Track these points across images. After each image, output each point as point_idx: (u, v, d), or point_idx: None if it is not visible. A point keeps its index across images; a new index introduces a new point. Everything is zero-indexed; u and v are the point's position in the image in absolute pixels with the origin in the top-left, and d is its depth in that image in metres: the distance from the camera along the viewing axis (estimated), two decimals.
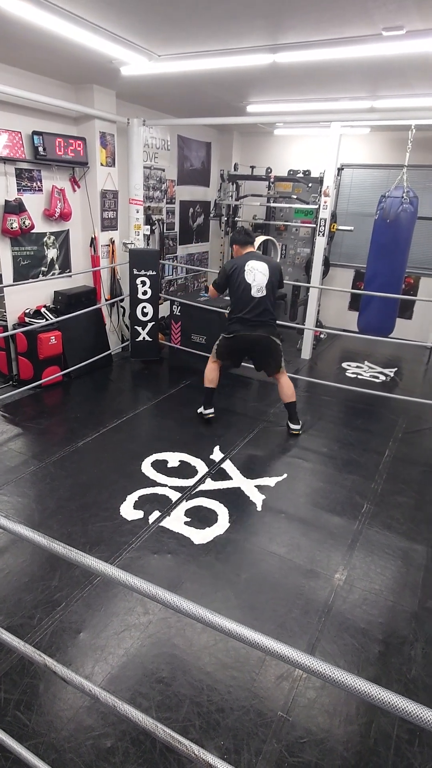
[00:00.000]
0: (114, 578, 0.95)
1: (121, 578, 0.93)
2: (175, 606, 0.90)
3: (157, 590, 0.94)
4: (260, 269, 3.58)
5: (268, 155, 6.91)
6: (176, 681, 1.89)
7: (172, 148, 6.02)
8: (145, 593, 0.94)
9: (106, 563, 0.99)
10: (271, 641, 0.90)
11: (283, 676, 1.93)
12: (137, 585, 0.93)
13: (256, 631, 0.92)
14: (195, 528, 2.77)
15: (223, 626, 0.88)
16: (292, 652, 0.89)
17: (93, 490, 3.08)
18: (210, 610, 0.96)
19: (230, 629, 0.87)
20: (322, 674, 0.85)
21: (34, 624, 2.10)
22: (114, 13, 2.71)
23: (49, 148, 4.28)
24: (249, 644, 0.90)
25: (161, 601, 0.91)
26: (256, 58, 3.24)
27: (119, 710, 1.03)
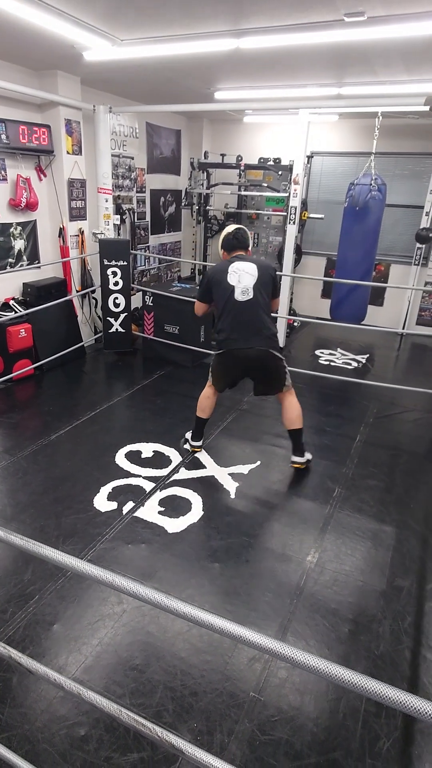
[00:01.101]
0: (80, 570, 0.96)
1: (85, 570, 0.93)
2: (142, 597, 0.90)
3: (122, 581, 0.94)
4: (247, 269, 3.02)
5: (239, 143, 6.87)
6: (150, 668, 1.91)
7: (140, 136, 5.93)
8: (109, 584, 0.95)
9: (70, 555, 0.99)
10: (240, 628, 0.91)
11: (256, 658, 1.96)
12: (97, 574, 0.93)
13: (225, 618, 0.94)
14: (169, 517, 2.79)
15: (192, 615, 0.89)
16: (258, 637, 0.90)
17: (66, 483, 3.06)
18: (179, 599, 0.97)
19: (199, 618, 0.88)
20: (290, 658, 0.86)
21: (7, 618, 2.09)
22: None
23: (13, 136, 4.17)
24: (219, 633, 0.91)
25: (126, 591, 0.91)
26: (220, 43, 3.20)
27: (84, 697, 1.04)
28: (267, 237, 6.64)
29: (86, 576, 0.94)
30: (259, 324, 3.02)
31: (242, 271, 3.03)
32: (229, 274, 3.03)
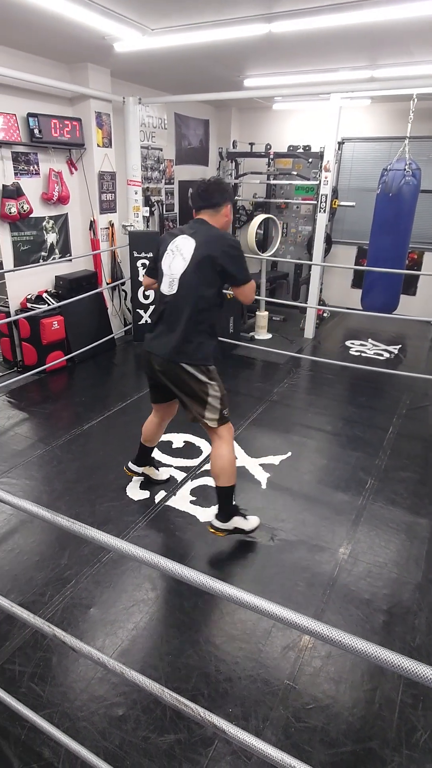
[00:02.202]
0: (119, 549, 0.98)
1: (126, 549, 0.95)
2: (184, 576, 0.92)
3: (169, 563, 0.96)
4: (183, 250, 2.23)
5: (267, 131, 6.78)
6: (185, 653, 1.94)
7: (169, 127, 5.92)
8: (154, 565, 0.96)
9: (109, 535, 1.01)
10: (282, 609, 0.92)
11: (289, 647, 1.97)
12: (144, 556, 0.95)
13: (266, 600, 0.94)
14: (200, 506, 2.81)
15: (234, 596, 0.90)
16: (301, 618, 0.90)
17: (99, 472, 3.12)
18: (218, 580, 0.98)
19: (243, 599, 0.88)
20: (329, 638, 0.86)
21: (46, 601, 2.15)
22: None
23: (45, 130, 4.23)
24: (260, 612, 0.92)
25: (170, 571, 0.93)
26: (252, 28, 3.16)
27: (127, 677, 1.06)
28: (296, 226, 6.55)
29: (136, 559, 0.95)
30: (176, 327, 2.27)
31: (177, 253, 2.26)
32: (167, 254, 2.31)
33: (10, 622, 2.04)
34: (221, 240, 2.23)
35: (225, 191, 2.31)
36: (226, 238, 2.26)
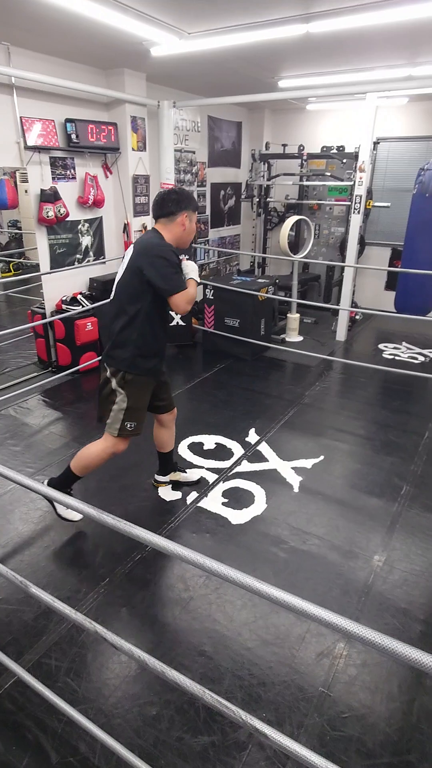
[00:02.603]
0: (169, 550, 0.98)
1: (174, 549, 0.95)
2: (227, 576, 0.92)
3: (216, 564, 0.96)
4: (126, 258, 2.32)
5: (301, 132, 6.74)
6: (218, 655, 1.93)
7: (202, 130, 5.95)
8: (204, 567, 0.96)
9: (158, 535, 1.02)
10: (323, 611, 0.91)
11: (324, 654, 1.94)
12: (195, 558, 0.95)
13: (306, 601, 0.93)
14: (232, 509, 2.80)
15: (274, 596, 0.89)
16: (343, 620, 0.89)
17: (132, 472, 3.15)
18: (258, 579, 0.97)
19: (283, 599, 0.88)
20: (370, 641, 0.85)
21: (80, 597, 2.19)
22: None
23: (82, 135, 4.31)
24: (300, 613, 0.91)
25: (215, 572, 0.93)
26: (289, 29, 3.15)
27: (167, 676, 1.07)
28: (329, 228, 6.48)
29: (184, 559, 0.96)
30: (111, 332, 2.35)
31: (123, 261, 2.33)
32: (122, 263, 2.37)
33: (47, 617, 2.08)
34: (150, 250, 2.23)
35: (180, 201, 2.28)
36: (154, 249, 2.23)
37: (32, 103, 3.99)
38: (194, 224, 2.37)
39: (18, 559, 2.42)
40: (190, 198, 2.32)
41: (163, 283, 2.20)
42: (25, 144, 3.97)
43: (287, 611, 2.10)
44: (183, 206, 2.28)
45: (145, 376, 2.39)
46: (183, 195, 2.31)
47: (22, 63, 3.80)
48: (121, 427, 2.41)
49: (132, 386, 2.36)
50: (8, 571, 1.38)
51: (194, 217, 2.36)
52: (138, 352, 2.32)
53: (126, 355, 2.32)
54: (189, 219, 2.31)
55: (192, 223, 2.34)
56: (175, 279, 2.23)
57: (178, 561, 2.36)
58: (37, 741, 1.63)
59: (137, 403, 2.40)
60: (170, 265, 2.21)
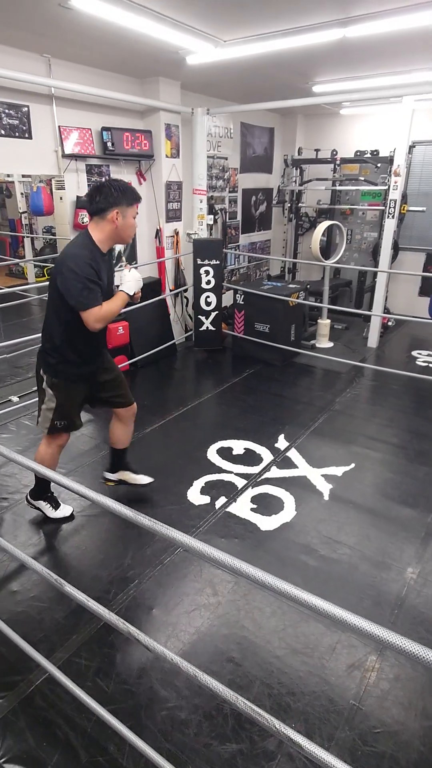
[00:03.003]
0: (205, 554, 0.98)
1: (215, 555, 0.95)
2: (261, 580, 0.91)
3: (255, 571, 0.95)
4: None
5: (334, 137, 6.70)
6: (246, 661, 1.92)
7: (234, 136, 5.98)
8: (244, 574, 0.96)
9: (198, 540, 1.02)
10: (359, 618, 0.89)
11: (355, 665, 1.90)
12: (238, 566, 0.94)
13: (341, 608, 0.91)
14: (261, 515, 2.78)
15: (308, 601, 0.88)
16: (385, 631, 0.87)
17: (161, 475, 3.16)
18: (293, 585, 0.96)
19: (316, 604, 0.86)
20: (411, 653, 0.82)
21: (110, 598, 2.21)
22: (181, 1, 2.72)
23: (117, 143, 4.40)
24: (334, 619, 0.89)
25: (252, 577, 0.92)
26: (325, 34, 3.14)
27: (200, 680, 1.06)
28: (361, 233, 6.41)
29: (232, 568, 0.95)
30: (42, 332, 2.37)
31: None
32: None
33: (77, 616, 2.10)
34: (63, 261, 2.13)
35: (109, 195, 2.10)
36: (66, 260, 2.11)
37: (70, 112, 4.09)
38: (130, 219, 2.18)
39: (49, 558, 2.47)
40: (123, 190, 2.13)
41: (71, 298, 2.12)
42: (62, 152, 4.08)
43: (316, 620, 2.07)
44: (113, 201, 2.11)
45: (65, 380, 2.38)
46: (113, 188, 2.12)
47: (62, 74, 3.91)
48: (51, 425, 2.44)
49: (59, 389, 2.38)
50: (43, 569, 1.41)
51: (130, 211, 2.17)
52: (62, 359, 2.32)
53: (52, 361, 2.33)
54: (122, 215, 2.14)
55: (126, 218, 2.16)
56: (83, 295, 2.10)
57: (207, 565, 2.36)
58: (66, 739, 1.64)
59: (66, 402, 2.41)
60: (79, 280, 2.08)
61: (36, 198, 5.02)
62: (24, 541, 2.57)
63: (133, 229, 2.25)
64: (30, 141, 3.86)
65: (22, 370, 4.62)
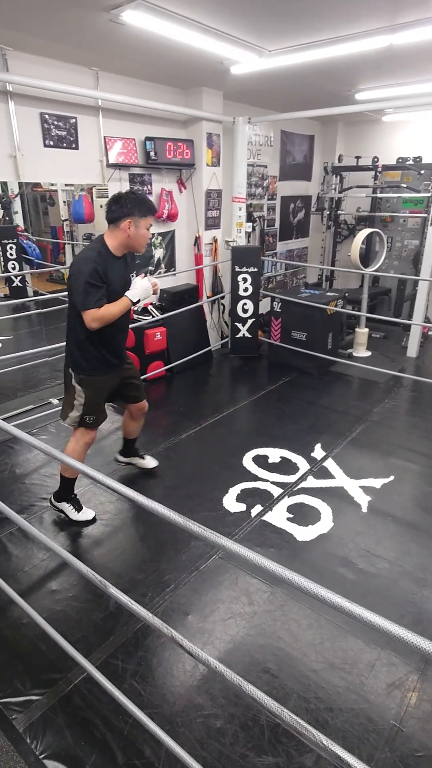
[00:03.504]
0: (271, 570, 0.98)
1: (281, 573, 0.95)
2: (306, 589, 0.90)
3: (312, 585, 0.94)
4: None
5: (375, 144, 6.62)
6: (283, 673, 1.89)
7: (275, 144, 6.00)
8: (316, 595, 0.95)
9: (251, 550, 1.02)
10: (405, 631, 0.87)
11: (395, 685, 1.85)
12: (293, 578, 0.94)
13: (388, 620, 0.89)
14: (298, 524, 2.75)
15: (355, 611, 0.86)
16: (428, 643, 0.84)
17: (196, 481, 3.18)
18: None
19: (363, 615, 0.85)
20: None
21: (146, 602, 2.22)
22: (226, 13, 2.76)
23: (160, 153, 4.48)
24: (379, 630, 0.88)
25: (317, 595, 0.91)
26: (372, 41, 3.11)
27: (244, 689, 1.05)
28: (402, 240, 6.29)
29: (273, 574, 0.95)
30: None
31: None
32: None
33: (115, 618, 2.13)
34: (74, 263, 2.32)
35: (123, 206, 2.23)
36: (77, 262, 2.30)
37: (115, 123, 4.20)
38: (142, 230, 2.30)
39: (88, 559, 2.51)
40: (137, 202, 2.26)
41: (75, 297, 2.28)
42: (107, 162, 4.19)
43: (355, 636, 2.03)
44: (127, 211, 2.24)
45: (94, 376, 2.54)
46: (128, 199, 2.25)
47: (108, 86, 4.02)
48: (81, 421, 2.59)
49: (87, 385, 2.53)
50: (89, 570, 1.43)
51: (144, 222, 2.29)
52: (86, 356, 2.48)
53: (78, 358, 2.49)
54: (134, 225, 2.26)
55: (139, 228, 2.28)
56: (83, 295, 2.24)
57: (242, 573, 2.35)
58: (104, 740, 1.66)
59: (94, 398, 2.57)
60: (82, 281, 2.22)
61: (77, 206, 5.15)
62: (62, 541, 2.63)
63: (145, 239, 2.36)
64: (76, 151, 3.98)
65: (62, 374, 4.74)
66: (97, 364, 2.52)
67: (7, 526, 2.68)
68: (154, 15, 2.71)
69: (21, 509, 2.85)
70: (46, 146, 3.75)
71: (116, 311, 2.33)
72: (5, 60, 3.31)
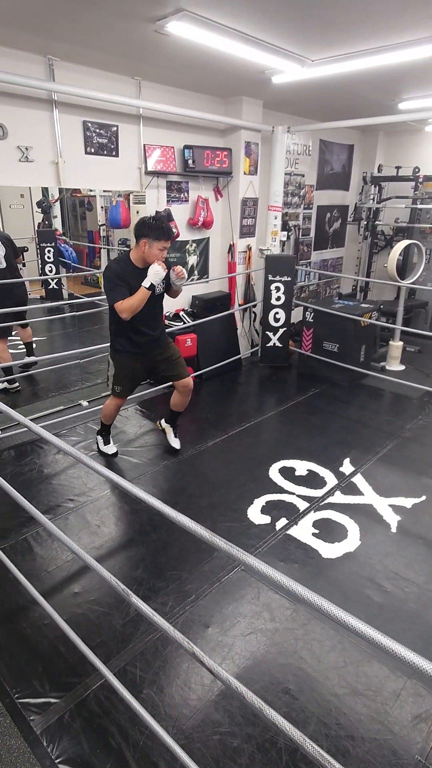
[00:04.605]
0: (288, 588, 0.95)
1: (303, 594, 0.92)
2: (344, 622, 0.86)
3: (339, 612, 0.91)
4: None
5: (416, 154, 6.49)
6: (303, 695, 1.84)
7: (313, 153, 5.96)
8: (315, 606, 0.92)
9: (283, 575, 0.99)
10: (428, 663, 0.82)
11: (421, 717, 1.77)
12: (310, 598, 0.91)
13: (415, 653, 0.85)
14: (323, 541, 2.69)
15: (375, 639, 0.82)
16: None
17: (221, 490, 3.15)
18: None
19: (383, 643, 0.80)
20: None
21: (167, 611, 2.20)
22: (270, 22, 2.75)
23: (198, 161, 4.51)
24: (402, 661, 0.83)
25: (336, 618, 0.88)
26: (417, 51, 3.05)
27: (265, 714, 1.02)
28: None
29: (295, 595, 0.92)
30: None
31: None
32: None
33: (134, 625, 2.12)
34: (104, 270, 2.96)
35: (141, 229, 2.80)
36: (106, 269, 2.94)
37: (155, 131, 4.25)
38: (154, 250, 2.81)
39: (110, 564, 2.51)
40: (153, 228, 2.78)
41: (106, 294, 2.92)
42: (145, 169, 4.24)
43: (380, 662, 1.96)
44: (144, 233, 2.79)
45: (122, 354, 3.13)
46: (147, 224, 2.79)
47: (150, 95, 4.08)
48: (112, 388, 3.27)
49: (116, 360, 3.19)
50: (112, 577, 1.43)
51: (156, 244, 2.79)
52: (117, 339, 3.10)
53: (113, 339, 3.14)
54: (148, 245, 2.81)
55: (152, 248, 2.81)
56: (111, 293, 2.87)
57: (265, 588, 2.31)
58: (119, 749, 1.65)
59: (120, 372, 3.20)
60: (108, 282, 2.88)
61: (114, 212, 5.23)
62: (87, 543, 2.64)
63: (156, 257, 2.84)
64: (116, 158, 4.05)
65: (93, 376, 4.81)
66: (125, 345, 3.09)
67: (33, 525, 2.72)
68: (198, 26, 2.73)
69: (47, 509, 2.89)
70: (87, 153, 3.83)
71: (137, 300, 2.85)
72: (52, 70, 3.40)
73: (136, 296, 2.85)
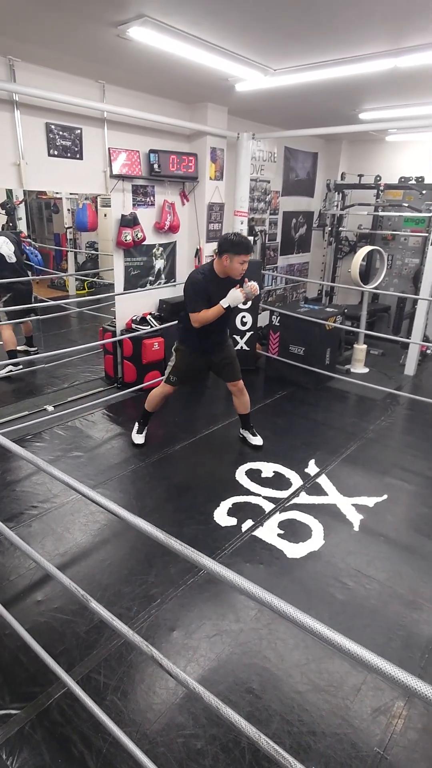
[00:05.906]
0: (241, 587, 0.96)
1: (254, 592, 0.93)
2: (290, 616, 0.88)
3: (284, 605, 0.93)
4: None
5: (378, 163, 6.69)
6: (266, 694, 1.86)
7: (278, 160, 6.06)
8: (270, 606, 0.94)
9: (242, 577, 1.00)
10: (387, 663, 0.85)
11: (380, 710, 1.81)
12: (265, 598, 0.93)
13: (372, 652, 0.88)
14: (288, 541, 2.73)
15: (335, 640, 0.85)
16: (411, 678, 0.83)
17: (189, 493, 3.16)
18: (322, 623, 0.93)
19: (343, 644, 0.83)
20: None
21: (132, 615, 2.19)
22: (232, 31, 2.80)
23: (164, 165, 4.52)
24: (362, 663, 0.86)
25: (280, 612, 0.90)
26: (377, 64, 3.16)
27: (222, 713, 1.03)
28: (402, 259, 6.33)
29: (255, 599, 0.94)
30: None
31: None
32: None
33: (98, 632, 2.10)
34: (188, 277, 3.20)
35: (221, 245, 3.05)
36: (191, 277, 3.17)
37: (120, 135, 4.24)
38: (235, 264, 3.02)
39: (75, 570, 2.48)
40: (233, 244, 3.00)
41: (186, 301, 3.19)
42: (110, 173, 4.22)
43: (342, 658, 2.00)
44: (225, 248, 3.02)
45: (186, 349, 3.41)
46: (227, 242, 3.02)
47: (114, 99, 4.06)
48: (168, 377, 3.51)
49: (178, 353, 3.45)
50: (71, 583, 1.41)
51: (237, 258, 3.00)
52: (184, 335, 3.39)
53: (180, 334, 3.43)
54: (229, 259, 3.03)
55: (233, 262, 3.02)
56: (192, 302, 3.12)
57: (230, 589, 2.32)
58: (82, 757, 1.63)
59: (180, 364, 3.45)
60: (189, 291, 3.14)
61: (81, 214, 5.18)
62: (51, 550, 2.60)
63: (238, 270, 3.06)
64: (81, 161, 4.01)
65: (59, 380, 4.74)
66: (189, 342, 3.38)
67: None
68: (160, 32, 2.75)
69: (10, 517, 2.83)
70: (50, 155, 3.79)
71: (212, 315, 3.09)
72: (13, 71, 3.35)
73: (211, 311, 3.07)
